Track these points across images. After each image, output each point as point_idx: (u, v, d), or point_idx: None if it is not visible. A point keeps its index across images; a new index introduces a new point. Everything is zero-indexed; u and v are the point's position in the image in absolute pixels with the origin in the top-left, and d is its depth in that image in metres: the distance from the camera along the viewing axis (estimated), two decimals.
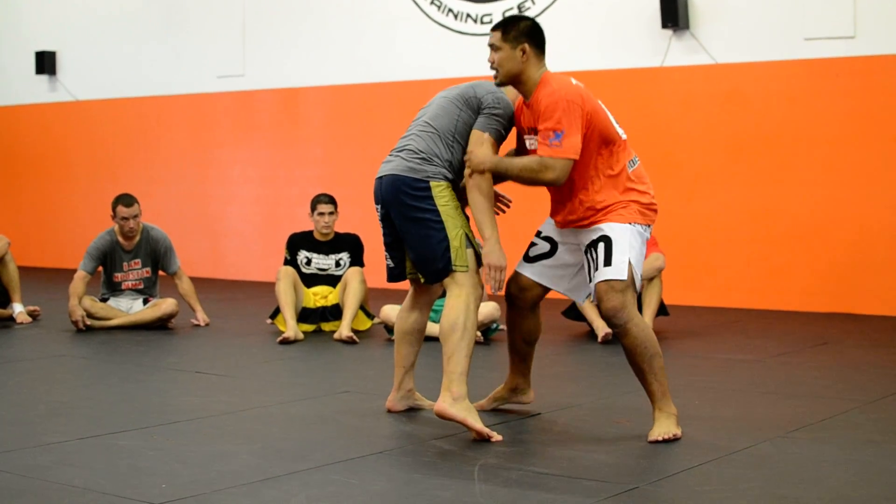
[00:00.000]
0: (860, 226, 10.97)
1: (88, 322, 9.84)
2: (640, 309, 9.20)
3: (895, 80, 10.79)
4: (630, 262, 5.77)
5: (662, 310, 9.41)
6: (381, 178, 6.11)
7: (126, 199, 10.08)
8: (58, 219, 16.57)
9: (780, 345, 9.08)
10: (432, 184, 5.94)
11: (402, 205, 5.97)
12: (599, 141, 5.81)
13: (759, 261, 11.47)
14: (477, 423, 5.69)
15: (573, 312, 9.53)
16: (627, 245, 5.78)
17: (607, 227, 5.81)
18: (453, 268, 5.88)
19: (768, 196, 11.38)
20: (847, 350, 8.85)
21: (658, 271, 9.24)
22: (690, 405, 6.60)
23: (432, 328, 9.27)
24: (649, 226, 5.98)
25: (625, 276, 5.73)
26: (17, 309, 10.32)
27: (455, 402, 5.71)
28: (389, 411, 6.39)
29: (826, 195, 11.12)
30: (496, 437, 5.68)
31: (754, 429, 5.95)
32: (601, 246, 5.77)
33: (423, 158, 6.00)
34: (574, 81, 5.87)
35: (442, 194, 5.93)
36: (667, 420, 5.74)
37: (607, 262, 5.75)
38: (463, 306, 5.82)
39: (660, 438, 5.65)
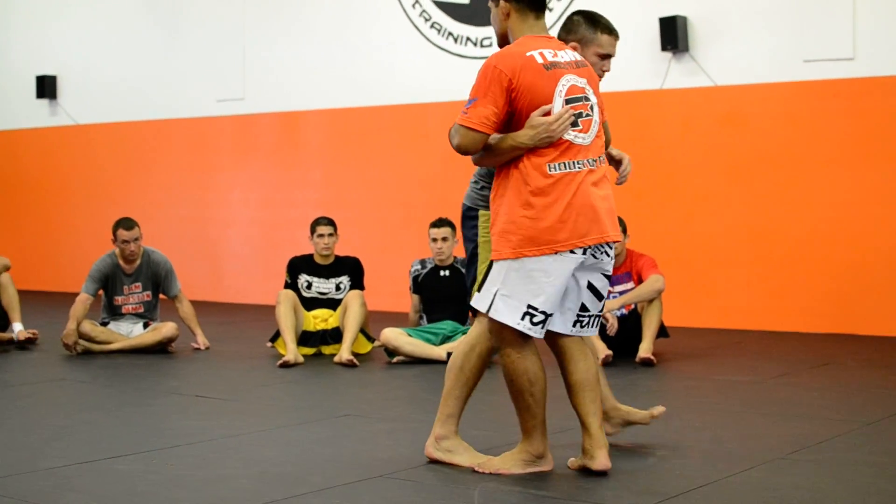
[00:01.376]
0: (860, 246, 10.97)
1: (84, 346, 9.84)
2: (640, 331, 9.21)
3: (894, 101, 10.81)
4: (495, 295, 5.29)
5: (663, 332, 9.41)
6: None
7: (127, 223, 10.09)
8: (58, 242, 16.58)
9: (781, 366, 9.07)
10: (480, 213, 5.71)
11: (462, 235, 5.87)
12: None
13: (759, 282, 11.47)
14: (463, 460, 5.59)
15: None
16: (500, 281, 5.29)
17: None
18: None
19: (768, 217, 11.39)
20: (847, 371, 8.84)
21: (658, 293, 9.24)
22: (690, 427, 6.60)
23: (431, 351, 9.29)
24: (551, 255, 5.23)
25: (483, 309, 5.34)
26: (17, 328, 10.30)
27: (437, 444, 5.68)
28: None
29: (826, 216, 11.12)
30: (486, 469, 5.49)
31: (754, 451, 5.94)
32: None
33: (474, 182, 5.78)
34: (536, 52, 5.28)
35: (484, 224, 5.65)
36: (512, 457, 5.48)
37: (480, 287, 5.45)
38: (467, 348, 5.60)
39: (475, 467, 5.49)
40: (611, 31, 5.84)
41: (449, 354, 8.96)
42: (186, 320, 10.27)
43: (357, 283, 9.92)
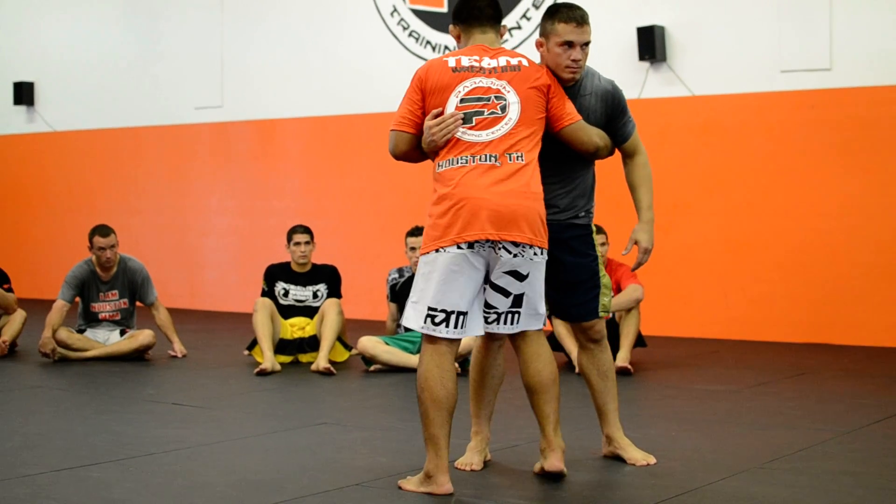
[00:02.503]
0: (837, 256, 11.01)
1: (61, 353, 9.81)
2: (617, 340, 9.20)
3: (871, 112, 10.86)
4: (412, 304, 5.36)
5: (640, 341, 9.41)
6: None
7: (102, 230, 10.05)
8: (35, 250, 16.51)
9: (757, 375, 9.08)
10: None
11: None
12: None
13: (736, 292, 11.49)
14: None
15: (550, 341, 9.50)
16: (416, 286, 5.39)
17: None
18: None
19: (745, 227, 11.42)
20: (824, 380, 8.87)
21: (636, 303, 9.23)
22: (667, 436, 6.60)
23: (408, 359, 9.25)
24: (441, 250, 5.27)
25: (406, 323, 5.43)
26: None
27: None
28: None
29: (802, 226, 11.15)
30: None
31: (731, 460, 5.95)
32: None
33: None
34: (453, 58, 5.45)
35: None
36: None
37: None
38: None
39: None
40: (569, 20, 5.63)
41: None
42: (163, 328, 10.24)
43: (334, 292, 9.91)
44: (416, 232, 9.64)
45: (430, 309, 5.27)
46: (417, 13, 13.37)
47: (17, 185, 16.80)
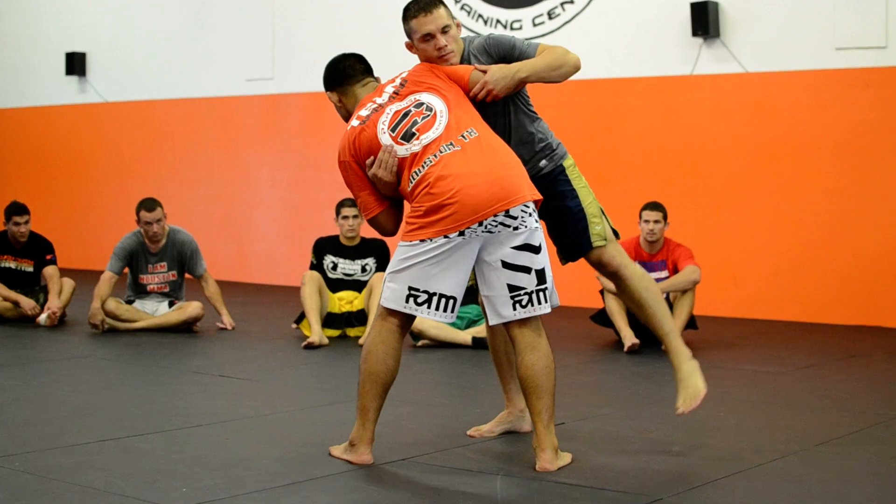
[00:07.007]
0: (889, 237, 10.89)
1: (110, 324, 9.86)
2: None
3: None
4: (385, 283, 5.40)
5: (692, 323, 9.33)
6: None
7: (148, 204, 10.04)
8: (85, 220, 16.61)
9: (808, 357, 9.01)
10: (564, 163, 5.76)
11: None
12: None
13: (787, 272, 11.39)
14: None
15: (601, 318, 9.47)
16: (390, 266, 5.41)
17: None
18: None
19: (797, 206, 11.31)
20: (875, 363, 8.79)
21: (693, 284, 9.15)
22: (716, 416, 6.56)
23: (456, 335, 9.24)
24: (426, 240, 5.23)
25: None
26: (43, 317, 10.26)
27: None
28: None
29: (855, 205, 11.04)
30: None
31: (780, 441, 5.90)
32: None
33: (537, 151, 5.72)
34: (355, 119, 5.54)
35: (572, 169, 5.79)
36: None
37: None
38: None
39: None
40: (417, 13, 5.51)
41: (474, 339, 8.97)
42: (212, 300, 10.27)
43: (383, 266, 9.89)
44: None
45: (411, 289, 5.27)
46: None
47: (68, 155, 16.90)
